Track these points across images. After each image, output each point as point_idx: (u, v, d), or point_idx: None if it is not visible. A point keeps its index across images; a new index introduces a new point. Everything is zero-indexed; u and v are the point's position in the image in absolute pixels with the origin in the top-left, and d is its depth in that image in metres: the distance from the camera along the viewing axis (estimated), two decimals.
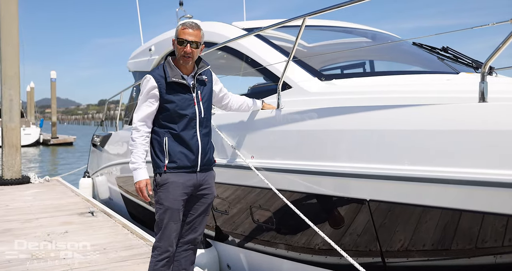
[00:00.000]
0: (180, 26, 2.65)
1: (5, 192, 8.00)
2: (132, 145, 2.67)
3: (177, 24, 2.69)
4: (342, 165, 2.69)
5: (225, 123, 3.81)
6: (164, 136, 2.67)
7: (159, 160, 2.67)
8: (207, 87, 2.83)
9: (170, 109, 2.65)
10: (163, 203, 2.66)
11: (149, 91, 2.64)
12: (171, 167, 2.65)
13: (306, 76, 3.59)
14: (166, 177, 2.64)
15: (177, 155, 2.65)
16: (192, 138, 2.69)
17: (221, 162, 3.74)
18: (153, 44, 6.79)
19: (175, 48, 2.68)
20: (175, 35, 2.68)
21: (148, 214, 5.64)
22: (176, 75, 2.65)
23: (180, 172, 2.67)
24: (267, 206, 3.39)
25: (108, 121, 9.04)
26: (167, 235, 2.70)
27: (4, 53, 8.73)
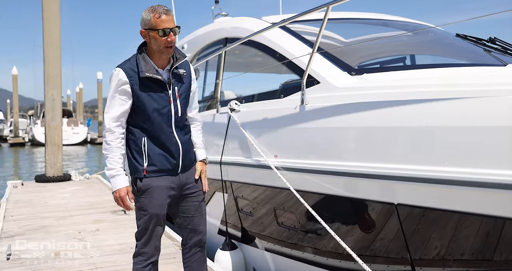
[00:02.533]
0: (151, 15, 2.28)
1: (47, 188, 8.23)
2: (107, 149, 2.34)
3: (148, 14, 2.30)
4: (367, 165, 2.46)
5: (249, 121, 3.65)
6: (141, 137, 2.39)
7: (137, 163, 2.39)
8: (185, 83, 2.54)
9: (144, 107, 2.36)
10: (148, 209, 2.40)
11: (119, 87, 2.32)
12: (151, 171, 2.39)
13: (335, 71, 3.37)
14: (148, 181, 2.38)
15: (157, 157, 2.39)
16: (171, 138, 2.43)
17: (245, 161, 3.59)
18: (186, 42, 6.73)
19: (155, 40, 2.30)
20: (148, 26, 2.29)
21: None
22: (150, 69, 2.35)
23: (162, 175, 2.42)
24: (291, 209, 3.19)
25: None
26: (153, 241, 2.48)
27: (46, 54, 8.97)
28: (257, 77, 6.44)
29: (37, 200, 6.88)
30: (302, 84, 3.10)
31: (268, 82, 6.32)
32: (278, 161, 3.17)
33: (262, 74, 6.21)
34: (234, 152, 3.84)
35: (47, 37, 9.01)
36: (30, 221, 5.34)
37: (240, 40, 3.96)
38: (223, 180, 4.02)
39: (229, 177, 3.94)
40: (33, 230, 4.94)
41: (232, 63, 5.97)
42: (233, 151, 3.86)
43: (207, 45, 6.12)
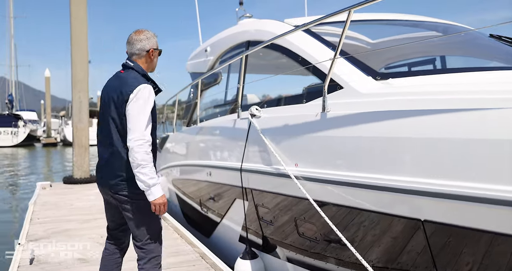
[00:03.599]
0: (155, 38, 2.71)
1: (74, 190, 8.34)
2: (147, 160, 2.39)
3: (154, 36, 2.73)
4: (393, 178, 2.32)
5: (269, 127, 3.55)
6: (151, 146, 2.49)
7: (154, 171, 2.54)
8: None
9: (154, 121, 2.60)
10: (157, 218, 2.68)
11: (152, 102, 2.52)
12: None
13: (359, 75, 3.23)
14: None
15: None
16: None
17: (266, 169, 3.49)
18: (209, 45, 6.69)
19: (155, 59, 2.74)
20: (156, 45, 2.71)
21: (201, 217, 5.52)
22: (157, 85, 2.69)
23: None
24: (312, 220, 3.07)
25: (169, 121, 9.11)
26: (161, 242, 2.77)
27: (74, 57, 9.11)
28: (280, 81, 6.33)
29: (63, 202, 6.97)
30: (323, 90, 2.96)
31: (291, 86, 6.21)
32: (299, 170, 3.05)
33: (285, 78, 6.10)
34: (254, 159, 3.74)
35: (74, 41, 9.15)
36: (54, 224, 5.39)
37: (261, 44, 3.87)
38: (243, 187, 3.93)
39: (249, 184, 3.84)
40: (57, 233, 4.97)
41: (255, 66, 5.88)
42: (253, 157, 3.77)
43: (229, 48, 6.05)
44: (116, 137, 2.51)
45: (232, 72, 5.82)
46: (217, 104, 6.12)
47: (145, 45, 2.64)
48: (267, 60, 5.67)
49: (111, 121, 2.53)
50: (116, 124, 2.51)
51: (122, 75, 2.61)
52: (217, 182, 4.64)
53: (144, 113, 2.44)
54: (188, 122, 7.12)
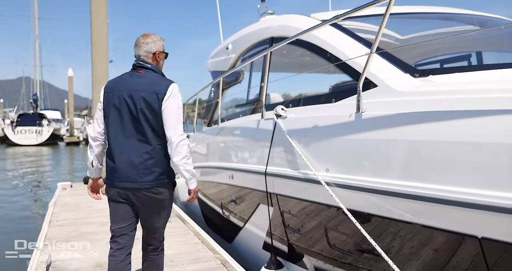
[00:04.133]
0: (161, 41, 2.82)
1: None
2: (189, 152, 2.65)
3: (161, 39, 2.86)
4: (439, 187, 2.06)
5: (296, 128, 3.31)
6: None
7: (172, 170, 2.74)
8: None
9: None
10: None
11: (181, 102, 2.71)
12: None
13: (395, 72, 2.97)
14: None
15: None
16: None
17: (293, 174, 3.25)
18: (230, 43, 6.47)
19: (161, 61, 2.84)
20: (162, 48, 2.83)
21: (222, 220, 5.32)
22: None
23: None
24: (345, 231, 2.82)
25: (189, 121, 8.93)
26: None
27: (94, 57, 9.04)
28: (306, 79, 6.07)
29: (83, 203, 6.86)
30: (358, 89, 2.71)
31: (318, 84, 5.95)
32: (330, 175, 2.81)
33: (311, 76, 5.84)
34: (280, 162, 3.51)
35: (94, 40, 9.09)
36: (73, 227, 5.27)
37: (286, 40, 3.62)
38: (268, 192, 3.70)
39: (274, 190, 3.61)
40: (75, 237, 4.84)
41: (279, 64, 5.64)
42: (279, 161, 3.53)
43: (252, 45, 5.82)
44: (151, 135, 2.58)
45: (254, 71, 5.59)
46: (239, 104, 5.90)
47: (152, 48, 2.75)
48: (291, 58, 5.43)
49: (143, 120, 2.57)
50: (151, 123, 2.57)
51: (144, 75, 2.67)
52: (240, 186, 4.43)
53: (180, 110, 2.65)
54: (209, 122, 6.93)
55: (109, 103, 2.64)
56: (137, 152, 2.57)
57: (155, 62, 2.77)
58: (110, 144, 2.66)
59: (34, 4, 50.34)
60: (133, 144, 2.59)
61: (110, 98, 2.64)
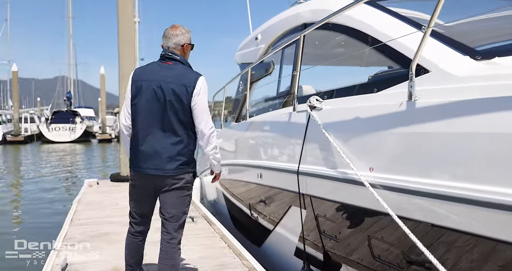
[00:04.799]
0: (189, 34, 2.88)
1: (120, 189, 8.04)
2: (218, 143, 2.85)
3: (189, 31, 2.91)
4: None
5: (334, 121, 2.91)
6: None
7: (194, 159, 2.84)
8: None
9: None
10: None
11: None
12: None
13: (452, 55, 2.54)
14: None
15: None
16: None
17: (329, 173, 2.85)
18: (260, 32, 6.09)
19: (188, 53, 2.90)
20: (190, 40, 2.88)
21: (250, 222, 4.96)
22: None
23: None
24: (394, 241, 2.40)
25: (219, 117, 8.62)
26: None
27: (121, 52, 8.85)
28: (340, 70, 5.62)
29: (108, 201, 6.64)
30: (410, 73, 2.29)
31: (354, 74, 5.50)
32: (375, 176, 2.40)
33: (347, 67, 5.39)
34: (314, 160, 3.11)
35: (121, 36, 8.90)
36: (95, 227, 5.02)
37: (322, 20, 3.22)
38: (300, 193, 3.31)
39: (308, 191, 3.22)
40: (95, 237, 4.58)
41: (311, 55, 5.21)
42: (313, 158, 3.14)
43: (282, 34, 5.42)
44: (177, 126, 2.67)
45: (285, 63, 5.18)
46: (268, 97, 5.52)
47: (181, 40, 2.80)
48: (325, 48, 4.99)
49: (171, 111, 2.65)
50: (179, 114, 2.66)
51: (173, 67, 2.74)
52: (269, 185, 4.05)
53: (207, 104, 2.78)
54: (237, 118, 6.58)
55: (137, 92, 2.70)
56: (163, 141, 2.68)
57: (182, 54, 2.83)
58: (137, 132, 2.74)
59: (68, 4, 51.40)
60: (160, 133, 2.68)
61: (139, 87, 2.70)
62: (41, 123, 36.25)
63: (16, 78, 34.03)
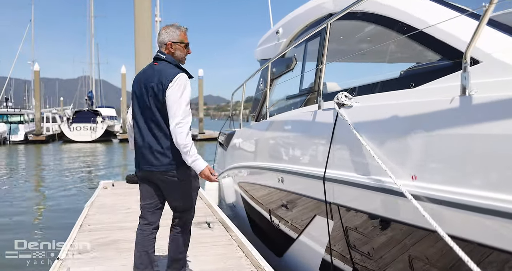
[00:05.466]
0: (179, 31, 2.91)
1: (135, 191, 7.68)
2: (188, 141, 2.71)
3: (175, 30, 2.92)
4: None
5: (366, 120, 2.54)
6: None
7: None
8: None
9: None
10: (198, 187, 3.08)
11: (189, 88, 2.78)
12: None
13: (509, 43, 2.14)
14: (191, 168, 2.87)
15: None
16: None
17: (361, 180, 2.48)
18: (281, 26, 5.72)
19: (179, 51, 2.92)
20: (177, 39, 2.90)
21: (270, 228, 4.60)
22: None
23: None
24: (439, 260, 2.01)
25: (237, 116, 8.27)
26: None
27: (137, 47, 8.63)
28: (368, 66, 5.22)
29: (121, 204, 6.37)
30: (463, 62, 1.90)
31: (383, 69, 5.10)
32: (418, 185, 2.01)
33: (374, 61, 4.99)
34: (343, 164, 2.74)
35: (138, 31, 8.68)
36: (105, 233, 4.73)
37: (351, 5, 2.84)
38: (327, 201, 2.94)
39: (335, 199, 2.85)
40: (105, 245, 4.28)
41: (336, 50, 4.84)
42: (342, 163, 2.76)
43: (305, 26, 5.05)
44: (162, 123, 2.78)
45: (308, 58, 4.80)
46: (290, 95, 5.16)
47: (164, 39, 2.89)
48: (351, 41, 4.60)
49: (155, 109, 2.78)
50: (161, 111, 2.77)
51: (157, 67, 2.85)
52: (291, 191, 3.69)
53: (183, 99, 2.71)
54: (257, 117, 6.22)
55: (132, 93, 2.94)
56: (152, 138, 2.82)
57: (169, 52, 2.90)
58: (134, 131, 2.95)
59: (91, 3, 51.82)
60: (150, 130, 2.83)
61: (133, 89, 2.94)
62: (62, 123, 36.59)
63: (38, 78, 34.37)
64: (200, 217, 5.51)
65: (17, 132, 32.33)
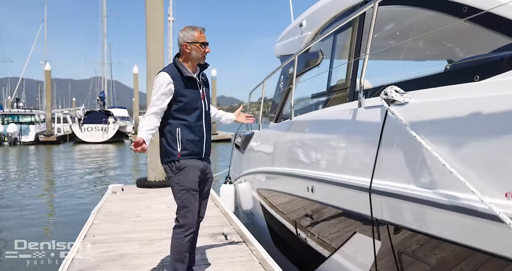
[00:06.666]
0: (194, 32, 2.99)
1: (146, 196, 7.34)
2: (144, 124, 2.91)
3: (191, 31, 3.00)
4: None
5: (429, 120, 2.03)
6: (177, 127, 2.95)
7: (172, 149, 2.95)
8: (207, 86, 3.19)
9: (184, 102, 2.95)
10: (185, 184, 2.94)
11: (166, 87, 2.88)
12: (184, 154, 2.95)
13: None
14: (183, 162, 2.94)
15: (188, 143, 2.97)
16: (200, 128, 3.02)
17: (427, 196, 1.96)
18: (305, 18, 5.22)
19: (196, 50, 2.99)
20: (192, 39, 2.97)
21: (296, 243, 4.09)
22: (188, 72, 2.99)
23: (192, 158, 2.99)
24: None
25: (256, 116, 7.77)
26: (193, 212, 2.96)
27: (149, 48, 8.22)
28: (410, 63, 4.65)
29: (130, 212, 5.91)
30: None
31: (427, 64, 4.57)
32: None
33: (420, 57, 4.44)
34: (398, 174, 2.22)
35: (149, 31, 8.27)
36: (110, 246, 4.25)
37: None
38: (373, 217, 2.43)
39: (384, 216, 2.34)
40: (109, 261, 3.79)
41: (375, 43, 4.32)
42: (396, 172, 2.25)
43: (333, 17, 4.53)
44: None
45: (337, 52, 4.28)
46: (316, 93, 4.65)
47: (180, 40, 3.02)
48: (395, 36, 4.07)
49: None
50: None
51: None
52: (324, 203, 3.18)
53: (154, 94, 2.93)
54: (276, 117, 5.72)
55: None
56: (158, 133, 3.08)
57: (185, 53, 3.01)
58: None
59: (103, 3, 51.68)
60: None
61: None
62: (73, 124, 36.45)
63: (49, 77, 34.25)
64: (215, 227, 5.03)
65: (28, 133, 32.21)
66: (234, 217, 5.48)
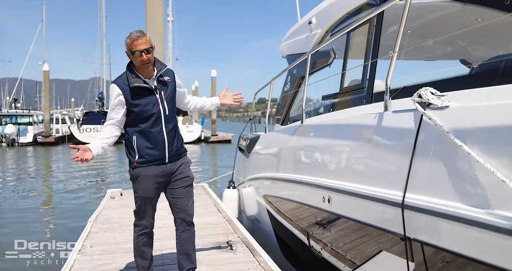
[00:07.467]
0: (127, 40, 2.85)
1: None
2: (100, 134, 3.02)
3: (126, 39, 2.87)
4: None
5: (476, 128, 1.75)
6: (133, 135, 2.98)
7: (131, 156, 3.02)
8: (169, 87, 3.06)
9: (137, 111, 2.92)
10: (138, 192, 3.09)
11: (115, 98, 2.91)
12: (140, 162, 2.98)
13: None
14: (138, 171, 3.01)
15: (145, 151, 2.97)
16: (158, 134, 2.98)
17: (474, 214, 1.68)
18: (314, 15, 4.95)
19: (134, 59, 2.89)
20: (126, 48, 2.88)
21: (308, 256, 3.82)
22: (138, 80, 2.93)
23: (150, 165, 2.99)
24: None
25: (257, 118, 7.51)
26: (146, 217, 3.18)
27: None
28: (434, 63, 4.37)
29: (128, 219, 5.58)
30: None
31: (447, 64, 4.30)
32: None
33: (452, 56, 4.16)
34: (437, 188, 1.94)
35: (149, 31, 8.01)
36: (107, 258, 3.98)
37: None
38: (406, 236, 2.15)
39: (419, 235, 2.06)
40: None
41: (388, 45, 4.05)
42: (434, 186, 1.97)
43: (346, 14, 4.26)
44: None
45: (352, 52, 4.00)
46: (327, 94, 4.38)
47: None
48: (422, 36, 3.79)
49: None
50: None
51: None
52: (344, 216, 2.90)
53: (109, 106, 3.05)
54: (283, 120, 5.45)
55: None
56: None
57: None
58: None
59: (102, 3, 51.36)
60: None
61: None
62: (72, 125, 36.07)
63: (47, 78, 33.83)
64: (218, 235, 4.75)
65: (26, 134, 31.81)
66: (239, 224, 5.19)
